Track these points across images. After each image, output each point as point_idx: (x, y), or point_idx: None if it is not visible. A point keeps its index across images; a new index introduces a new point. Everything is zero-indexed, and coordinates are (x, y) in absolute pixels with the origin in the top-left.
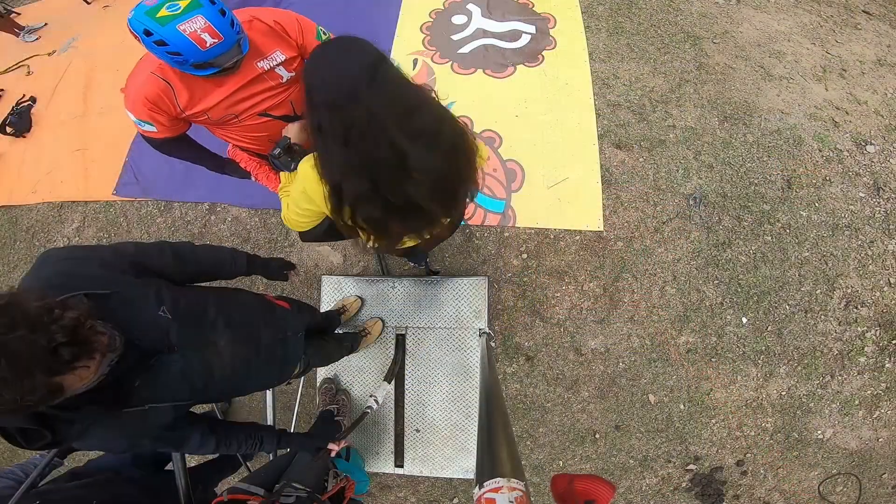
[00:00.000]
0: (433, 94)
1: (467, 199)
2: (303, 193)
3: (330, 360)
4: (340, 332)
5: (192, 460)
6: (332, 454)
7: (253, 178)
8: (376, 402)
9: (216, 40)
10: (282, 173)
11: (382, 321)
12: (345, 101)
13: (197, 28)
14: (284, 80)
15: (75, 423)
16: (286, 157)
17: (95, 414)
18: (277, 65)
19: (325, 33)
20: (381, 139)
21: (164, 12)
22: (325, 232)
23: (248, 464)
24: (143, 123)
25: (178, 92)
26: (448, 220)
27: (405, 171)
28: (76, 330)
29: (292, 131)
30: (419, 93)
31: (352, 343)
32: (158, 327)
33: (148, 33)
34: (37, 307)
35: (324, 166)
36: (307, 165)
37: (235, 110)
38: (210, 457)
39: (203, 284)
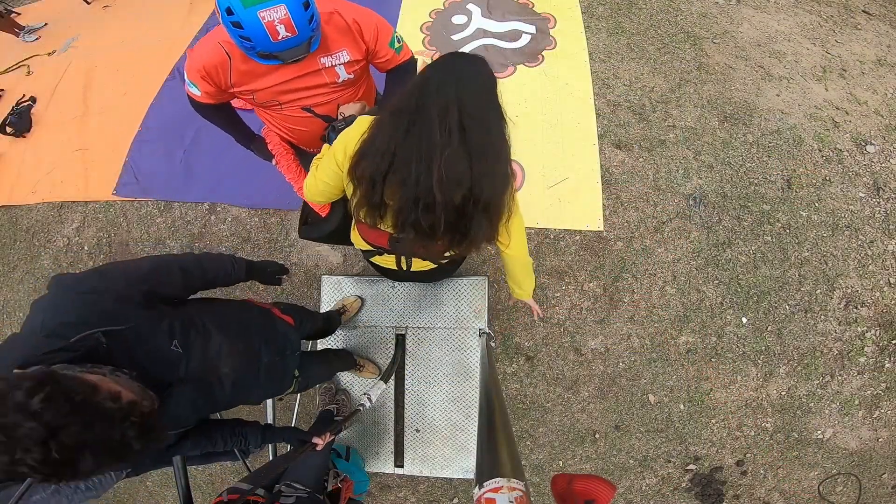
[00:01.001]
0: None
1: (473, 249)
2: (332, 158)
3: (329, 377)
4: (335, 347)
5: None
6: (318, 447)
7: (274, 162)
8: (370, 400)
9: (289, 34)
10: (324, 146)
11: (362, 300)
12: (452, 95)
13: (276, 18)
14: (340, 80)
15: None
16: (341, 123)
17: None
18: (339, 64)
19: (399, 41)
20: (450, 136)
21: None
22: (329, 234)
23: (248, 464)
24: (191, 85)
25: (234, 67)
26: (447, 249)
27: (446, 175)
28: (146, 426)
29: (353, 110)
30: (503, 140)
31: (346, 362)
32: (170, 361)
33: (230, 11)
34: (111, 407)
35: (377, 135)
36: (355, 129)
37: (281, 98)
38: None
39: (209, 297)
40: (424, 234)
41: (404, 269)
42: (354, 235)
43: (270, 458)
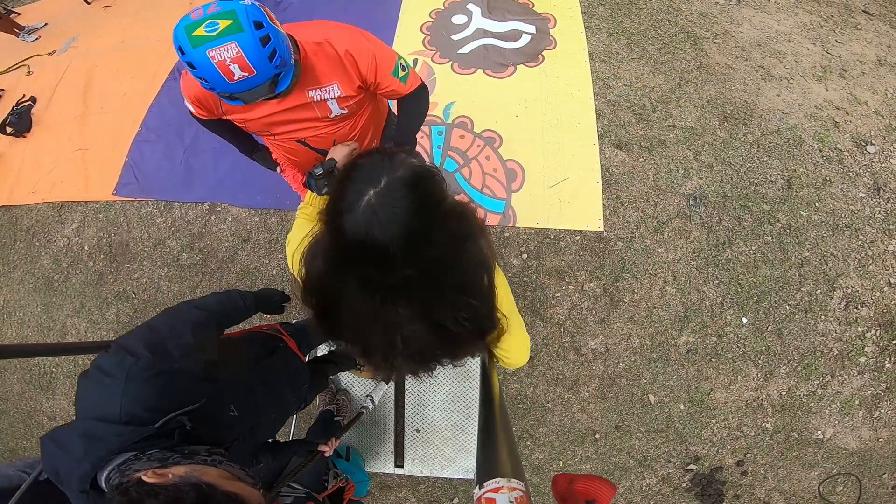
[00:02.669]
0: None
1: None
2: (289, 257)
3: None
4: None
5: None
6: (326, 454)
7: (279, 170)
8: (372, 402)
9: (246, 74)
10: (308, 193)
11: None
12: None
13: (227, 57)
14: (333, 115)
15: None
16: (323, 181)
17: None
18: (331, 98)
19: (404, 68)
20: (395, 306)
21: (200, 31)
22: None
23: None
24: (187, 103)
25: (221, 99)
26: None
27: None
28: None
29: (339, 154)
30: (470, 263)
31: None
32: (229, 426)
33: (182, 51)
34: None
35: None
36: (296, 233)
37: (273, 130)
38: None
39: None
40: (417, 360)
41: None
42: None
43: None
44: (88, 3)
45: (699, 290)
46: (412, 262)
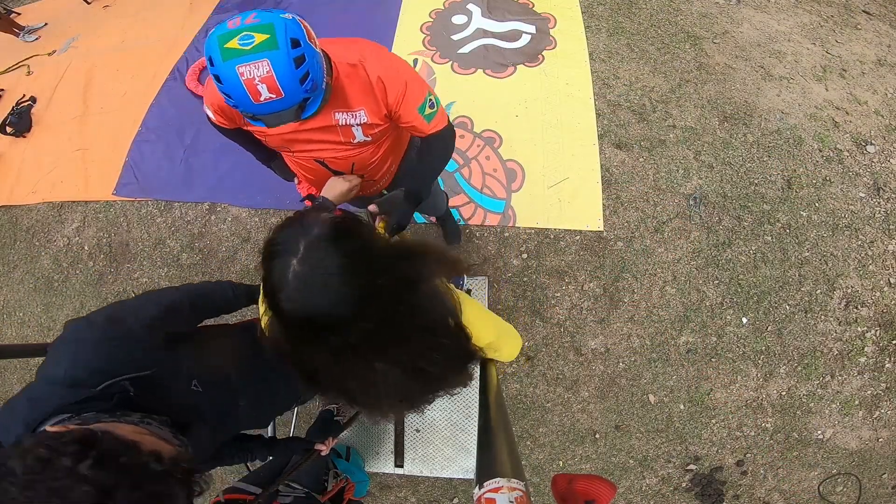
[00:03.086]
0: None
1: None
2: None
3: None
4: None
5: None
6: (323, 453)
7: (296, 181)
8: None
9: (273, 96)
10: None
11: None
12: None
13: (257, 75)
14: (356, 140)
15: None
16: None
17: None
18: (357, 124)
19: (432, 105)
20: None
21: (233, 43)
22: None
23: (248, 465)
24: (208, 109)
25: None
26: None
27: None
28: (187, 477)
29: (335, 192)
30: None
31: None
32: (191, 401)
33: (211, 62)
34: (155, 468)
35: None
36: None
37: (291, 147)
38: None
39: (220, 324)
40: (407, 403)
41: None
42: None
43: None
44: (88, 3)
45: (699, 290)
46: (365, 317)
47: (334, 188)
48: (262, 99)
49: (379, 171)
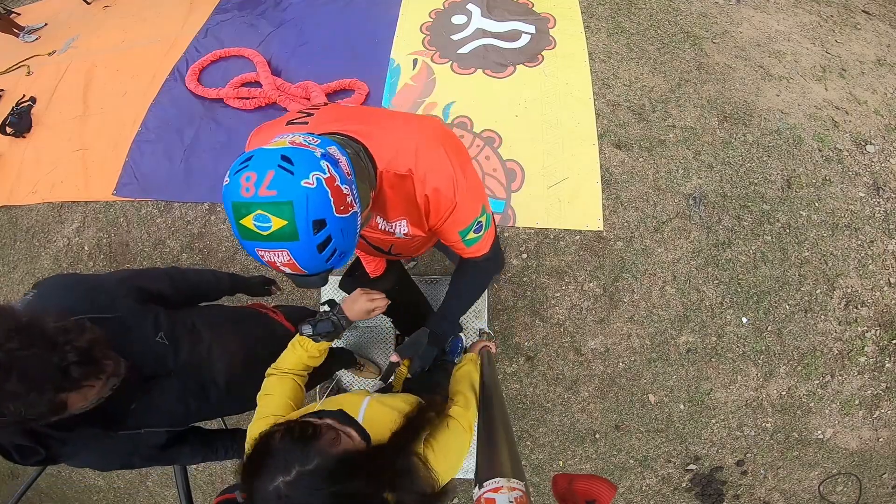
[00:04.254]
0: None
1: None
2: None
3: (328, 376)
4: (336, 346)
5: None
6: None
7: None
8: None
9: (296, 273)
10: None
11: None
12: None
13: (278, 261)
14: (396, 235)
15: (68, 443)
16: (323, 325)
17: (90, 434)
18: (399, 232)
19: (478, 230)
20: None
21: (248, 221)
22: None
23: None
24: None
25: None
26: None
27: None
28: (89, 352)
29: (355, 311)
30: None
31: (346, 361)
32: (157, 353)
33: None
34: (54, 327)
35: None
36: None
37: None
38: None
39: (211, 305)
40: None
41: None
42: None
43: None
44: (88, 3)
45: (699, 290)
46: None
47: (355, 306)
48: (285, 273)
49: (419, 251)
